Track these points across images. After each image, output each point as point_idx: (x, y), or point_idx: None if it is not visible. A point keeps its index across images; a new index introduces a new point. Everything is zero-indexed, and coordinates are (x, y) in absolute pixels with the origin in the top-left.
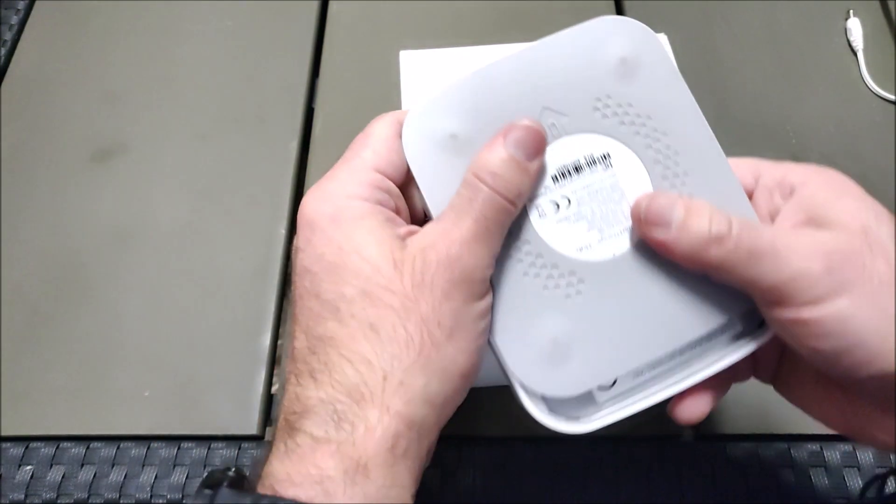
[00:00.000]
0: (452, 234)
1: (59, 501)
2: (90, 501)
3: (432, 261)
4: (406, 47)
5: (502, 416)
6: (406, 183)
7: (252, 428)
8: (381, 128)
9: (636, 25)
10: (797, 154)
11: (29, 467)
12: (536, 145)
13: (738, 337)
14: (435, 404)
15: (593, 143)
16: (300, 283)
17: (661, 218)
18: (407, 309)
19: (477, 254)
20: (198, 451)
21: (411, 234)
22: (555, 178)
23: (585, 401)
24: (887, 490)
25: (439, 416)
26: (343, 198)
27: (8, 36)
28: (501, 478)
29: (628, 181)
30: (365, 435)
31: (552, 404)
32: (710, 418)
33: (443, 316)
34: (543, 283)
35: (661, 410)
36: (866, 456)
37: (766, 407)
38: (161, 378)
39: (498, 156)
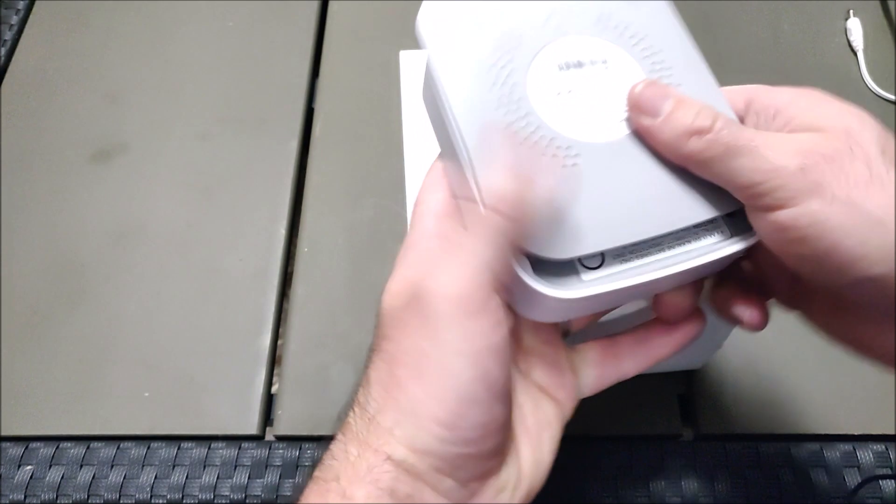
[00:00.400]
0: (432, 266)
1: (58, 502)
2: (90, 502)
3: (407, 298)
4: (406, 47)
5: None
6: None
7: (252, 428)
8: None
9: None
10: None
11: (29, 467)
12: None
13: (726, 242)
14: (414, 449)
15: (595, 47)
16: None
17: (651, 106)
18: (381, 349)
19: (450, 283)
20: (198, 451)
21: None
22: (559, 68)
23: (571, 281)
24: (883, 491)
25: (431, 463)
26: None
27: (8, 36)
28: None
29: (626, 81)
30: (346, 468)
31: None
32: (709, 418)
33: (405, 354)
34: (542, 150)
35: (662, 411)
36: (866, 455)
37: (766, 407)
38: (161, 378)
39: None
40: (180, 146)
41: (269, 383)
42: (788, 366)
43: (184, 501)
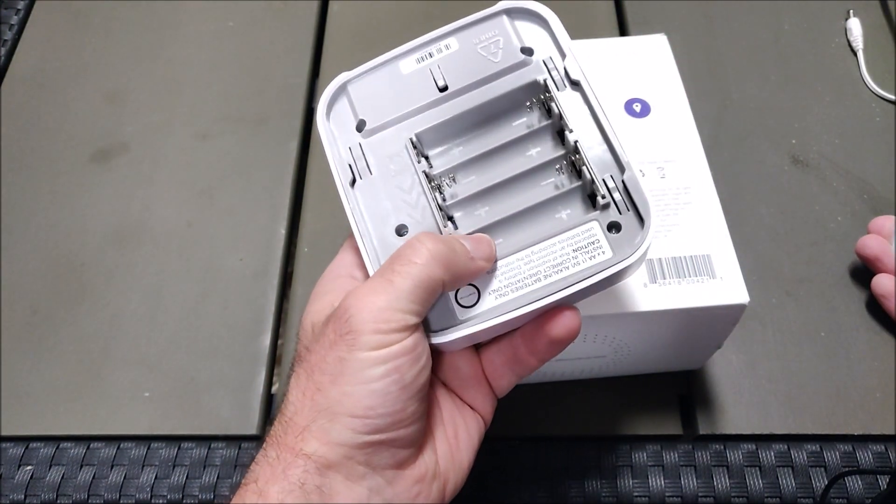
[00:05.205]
0: (356, 290)
1: (58, 502)
2: (90, 502)
3: (328, 315)
4: None
5: (502, 417)
6: None
7: (252, 428)
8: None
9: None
10: (797, 154)
11: (29, 467)
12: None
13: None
14: (330, 442)
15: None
16: None
17: None
18: (302, 359)
19: (372, 307)
20: (198, 451)
21: None
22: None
23: (446, 317)
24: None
25: (343, 452)
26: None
27: (8, 36)
28: (501, 478)
29: None
30: (265, 469)
31: None
32: (710, 418)
33: (323, 361)
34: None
35: (662, 411)
36: (865, 456)
37: (766, 407)
38: (161, 378)
39: (436, 241)
40: (180, 146)
41: (269, 383)
42: (788, 366)
43: (184, 501)
